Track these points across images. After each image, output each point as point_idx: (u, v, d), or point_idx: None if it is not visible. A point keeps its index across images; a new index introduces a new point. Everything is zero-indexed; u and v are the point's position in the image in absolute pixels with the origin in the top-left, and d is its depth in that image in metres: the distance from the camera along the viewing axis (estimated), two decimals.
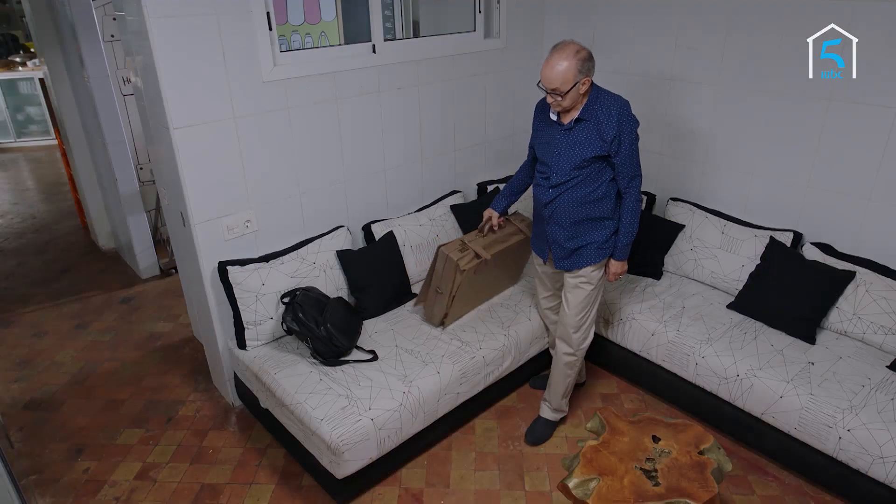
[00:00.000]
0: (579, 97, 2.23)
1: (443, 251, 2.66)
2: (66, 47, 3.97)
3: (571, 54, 2.14)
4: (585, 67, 2.17)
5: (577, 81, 2.16)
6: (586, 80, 2.19)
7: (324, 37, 4.20)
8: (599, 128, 2.24)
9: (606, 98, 2.26)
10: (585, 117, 2.26)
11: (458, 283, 2.62)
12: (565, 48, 2.16)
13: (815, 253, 2.78)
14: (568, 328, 2.53)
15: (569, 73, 2.14)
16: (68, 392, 3.12)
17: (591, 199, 2.33)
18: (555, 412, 2.72)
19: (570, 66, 2.14)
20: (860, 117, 2.59)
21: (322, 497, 2.46)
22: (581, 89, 2.20)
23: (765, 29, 2.78)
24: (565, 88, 2.17)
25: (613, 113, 2.23)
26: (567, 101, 2.22)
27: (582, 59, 2.15)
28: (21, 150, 7.68)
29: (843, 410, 2.25)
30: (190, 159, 2.43)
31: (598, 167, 2.30)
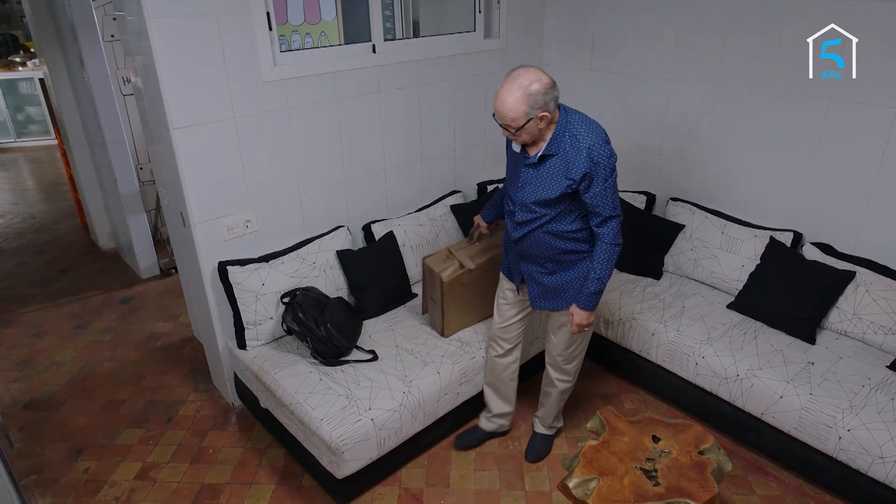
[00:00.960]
0: (540, 132, 2.00)
1: (426, 263, 2.63)
2: (66, 47, 3.97)
3: (521, 87, 1.90)
4: (540, 102, 1.91)
5: (530, 117, 1.92)
6: (544, 115, 1.94)
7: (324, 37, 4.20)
8: (567, 163, 1.99)
9: (578, 127, 2.00)
10: (552, 152, 2.01)
11: (445, 294, 2.58)
12: (516, 79, 1.92)
13: (815, 253, 2.78)
14: (560, 362, 2.42)
15: (518, 109, 1.91)
16: (68, 392, 3.12)
17: (569, 232, 2.11)
18: (550, 428, 2.68)
19: (518, 100, 1.90)
20: (860, 117, 2.59)
21: (322, 497, 2.46)
22: (539, 124, 1.96)
23: (765, 29, 2.78)
24: (517, 125, 1.94)
25: (583, 147, 1.97)
26: (524, 137, 2.00)
27: (534, 92, 1.89)
28: (21, 150, 7.68)
29: (843, 410, 2.25)
30: (190, 159, 2.43)
31: (570, 203, 2.07)
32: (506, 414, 2.67)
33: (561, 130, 2.01)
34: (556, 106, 2.00)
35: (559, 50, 3.69)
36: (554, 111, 1.99)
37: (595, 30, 3.47)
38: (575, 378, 2.51)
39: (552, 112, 1.98)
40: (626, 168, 3.57)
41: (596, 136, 1.99)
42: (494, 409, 2.64)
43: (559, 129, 2.01)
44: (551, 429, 2.67)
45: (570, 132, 2.00)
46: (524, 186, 2.11)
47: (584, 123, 2.02)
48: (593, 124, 2.03)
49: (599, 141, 1.99)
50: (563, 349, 2.38)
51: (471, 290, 2.68)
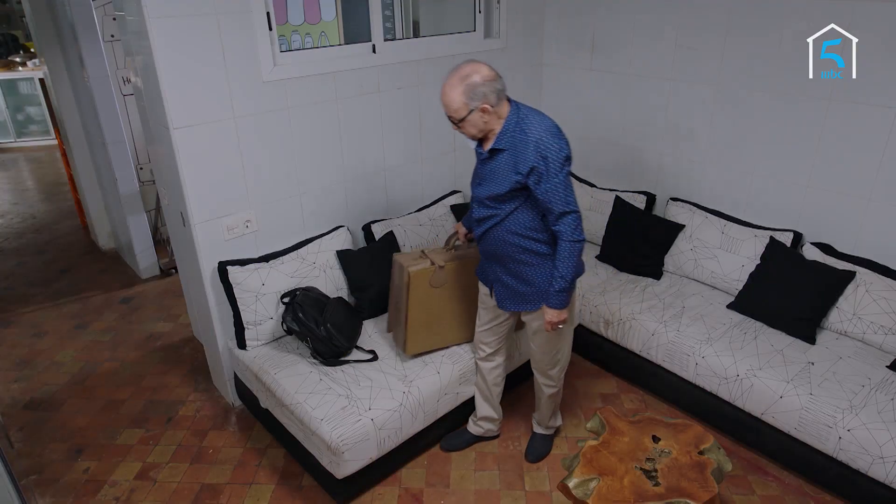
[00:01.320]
0: (486, 125, 2.00)
1: (396, 259, 2.52)
2: (66, 47, 3.97)
3: (459, 80, 1.92)
4: (480, 93, 1.91)
5: (472, 108, 1.93)
6: (485, 107, 1.94)
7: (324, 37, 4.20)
8: (516, 158, 1.98)
9: (528, 121, 1.98)
10: (502, 146, 2.01)
11: (410, 293, 2.42)
12: (456, 72, 1.94)
13: (815, 253, 2.78)
14: (543, 367, 2.40)
15: (459, 100, 1.93)
16: (68, 392, 3.12)
17: (528, 230, 2.08)
18: (548, 428, 2.67)
19: (459, 92, 1.92)
20: (860, 117, 2.59)
21: (322, 497, 2.46)
22: (483, 117, 1.97)
23: (765, 29, 2.78)
24: (459, 116, 1.97)
25: (531, 140, 1.94)
26: (470, 129, 2.01)
27: (472, 84, 1.90)
28: (21, 150, 7.68)
29: (843, 410, 2.25)
30: (190, 159, 2.43)
31: (526, 199, 2.04)
32: (492, 419, 2.65)
33: (511, 125, 2.00)
34: (498, 99, 1.97)
35: (559, 50, 3.69)
36: (497, 104, 1.97)
37: (595, 30, 3.47)
38: (559, 382, 2.48)
39: (494, 105, 1.96)
40: (626, 168, 3.57)
41: (545, 129, 1.96)
42: (480, 412, 2.64)
43: (509, 124, 2.00)
44: (549, 429, 2.67)
45: (521, 127, 1.98)
46: (480, 183, 2.13)
47: (535, 118, 2.00)
48: (543, 118, 2.01)
49: (548, 134, 1.95)
50: (541, 354, 2.37)
51: (439, 300, 2.51)
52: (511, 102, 2.04)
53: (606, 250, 3.38)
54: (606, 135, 3.61)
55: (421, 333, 2.52)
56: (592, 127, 3.67)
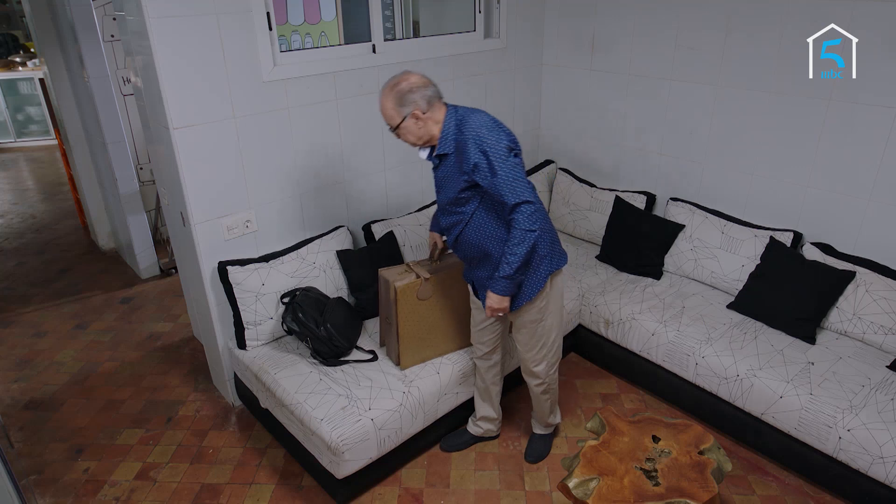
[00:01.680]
0: (421, 131, 2.05)
1: (381, 274, 2.48)
2: (66, 47, 3.97)
3: (389, 89, 2.00)
4: (409, 99, 1.98)
5: (404, 115, 2.00)
6: (416, 113, 2.00)
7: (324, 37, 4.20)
8: (460, 159, 2.02)
9: (467, 122, 2.02)
10: (445, 150, 2.06)
11: (399, 308, 2.41)
12: (388, 83, 2.02)
13: (815, 253, 2.78)
14: (527, 364, 2.39)
15: (389, 109, 2.01)
16: (68, 392, 3.12)
17: (495, 230, 2.09)
18: (546, 427, 2.65)
19: (390, 100, 2.00)
20: (860, 117, 2.59)
21: (322, 497, 2.46)
22: (417, 124, 2.03)
23: (765, 29, 2.78)
24: (393, 124, 2.04)
25: (469, 138, 1.98)
26: (408, 137, 2.07)
27: (401, 91, 1.98)
28: (21, 150, 7.68)
29: (843, 410, 2.25)
30: (190, 159, 2.43)
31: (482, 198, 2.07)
32: (491, 419, 2.65)
33: (450, 129, 2.04)
34: (429, 104, 2.02)
35: (559, 50, 3.69)
36: (429, 109, 2.02)
37: (595, 30, 3.47)
38: (547, 380, 2.43)
39: (425, 110, 2.01)
40: (626, 168, 3.58)
41: (481, 125, 1.99)
42: (479, 412, 2.64)
43: (448, 128, 2.05)
44: (548, 427, 2.65)
45: (460, 129, 2.03)
46: (439, 190, 2.18)
47: (472, 116, 2.03)
48: (480, 115, 2.03)
49: (485, 129, 1.98)
50: (523, 350, 2.36)
51: (428, 312, 2.49)
52: (448, 106, 2.08)
53: (606, 250, 3.38)
54: (606, 135, 3.61)
55: (413, 346, 2.51)
56: (592, 127, 3.67)
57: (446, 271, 2.48)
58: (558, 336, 2.38)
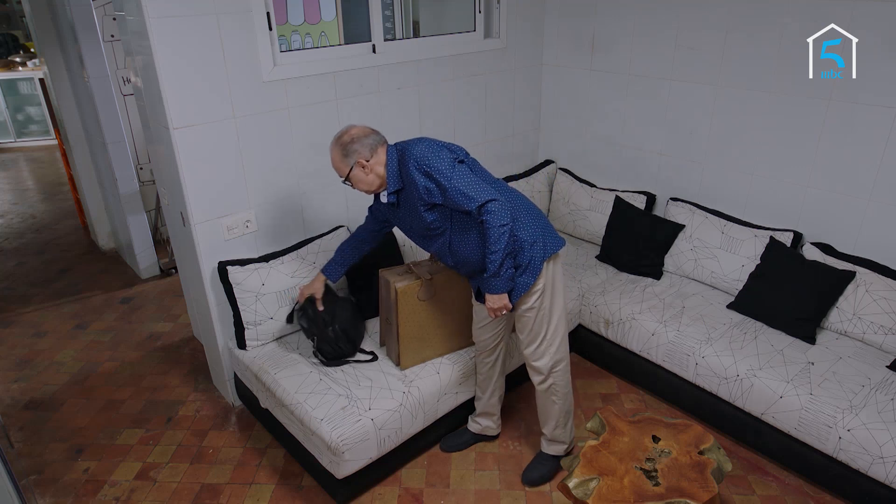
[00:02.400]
0: (370, 178, 2.13)
1: (382, 274, 2.48)
2: (66, 47, 3.97)
3: (336, 143, 2.11)
4: (352, 150, 2.08)
5: (350, 165, 2.09)
6: (360, 161, 2.09)
7: (324, 37, 4.20)
8: (412, 188, 2.09)
9: (406, 154, 2.10)
10: (397, 186, 2.14)
11: (399, 309, 2.41)
12: (334, 137, 2.13)
13: (815, 253, 2.78)
14: (529, 359, 2.35)
15: (337, 161, 2.12)
16: (68, 392, 3.12)
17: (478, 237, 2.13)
18: (550, 443, 2.51)
19: (334, 153, 2.12)
20: (860, 117, 2.59)
21: (322, 497, 2.46)
22: (364, 171, 2.11)
23: (765, 29, 2.78)
24: (343, 175, 2.13)
25: (411, 166, 2.06)
26: (361, 186, 2.15)
27: (345, 143, 2.08)
28: (21, 150, 7.68)
29: (843, 410, 2.25)
30: (190, 159, 2.43)
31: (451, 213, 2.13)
32: (490, 416, 2.64)
33: (393, 166, 2.12)
34: (371, 152, 2.10)
35: (559, 50, 3.69)
36: (372, 156, 2.10)
37: (595, 30, 3.47)
38: (552, 378, 2.35)
39: (369, 158, 2.10)
40: (626, 168, 3.58)
41: (419, 152, 2.06)
42: (479, 407, 2.64)
43: (391, 166, 2.12)
44: (555, 444, 2.50)
45: (402, 162, 2.10)
46: (409, 226, 2.26)
47: (410, 146, 2.10)
48: (418, 142, 2.11)
49: (423, 153, 2.05)
50: (525, 345, 2.33)
51: (429, 312, 2.49)
52: (389, 146, 2.15)
53: (606, 250, 3.38)
54: (606, 135, 3.61)
55: (413, 347, 2.51)
56: (592, 127, 3.67)
57: (447, 272, 2.48)
58: (560, 325, 2.30)
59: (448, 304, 2.53)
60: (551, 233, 2.24)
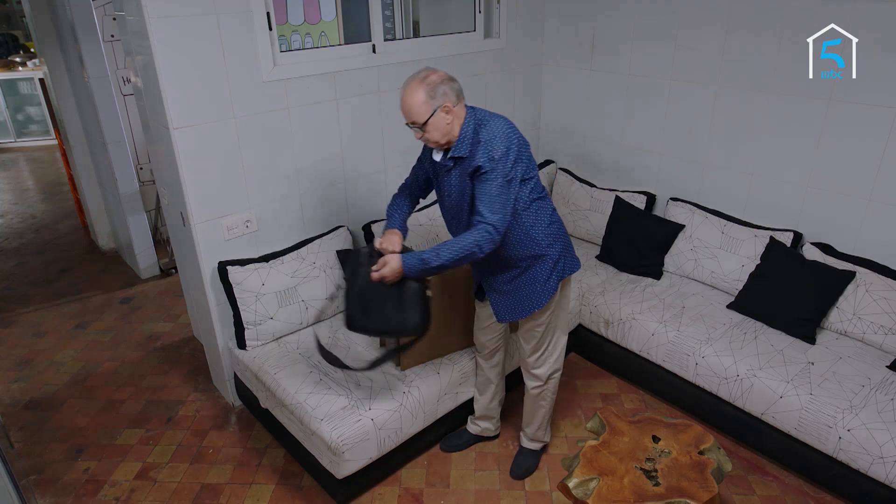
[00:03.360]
0: (448, 127, 1.96)
1: None
2: (66, 47, 3.97)
3: (419, 81, 1.91)
4: (440, 91, 1.90)
5: (434, 108, 1.91)
6: (447, 106, 1.92)
7: (324, 37, 4.20)
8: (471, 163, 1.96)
9: (484, 123, 1.97)
10: (462, 154, 1.97)
11: None
12: (414, 77, 1.93)
13: (815, 253, 2.78)
14: (529, 366, 2.37)
15: (419, 103, 1.91)
16: (68, 392, 3.12)
17: (516, 237, 2.05)
18: (533, 442, 2.57)
19: (420, 94, 1.90)
20: (860, 117, 2.59)
21: (322, 497, 2.46)
22: (446, 118, 1.94)
23: (765, 29, 2.78)
24: (421, 119, 1.93)
25: (483, 139, 1.93)
26: (434, 134, 1.96)
27: (431, 82, 1.90)
28: (21, 150, 7.68)
29: (843, 410, 2.25)
30: (190, 159, 2.43)
31: None
32: (490, 418, 2.64)
33: (469, 131, 1.97)
34: (458, 99, 1.95)
35: (559, 50, 3.69)
36: (457, 105, 1.95)
37: (595, 30, 3.47)
38: (548, 385, 2.40)
39: (455, 104, 1.94)
40: (626, 168, 3.57)
41: (497, 132, 1.94)
42: (478, 410, 2.63)
43: (466, 130, 1.97)
44: (535, 442, 2.57)
45: (477, 131, 1.97)
46: (451, 194, 2.09)
47: (491, 119, 1.98)
48: (498, 119, 1.98)
49: (499, 138, 1.93)
50: (528, 354, 2.34)
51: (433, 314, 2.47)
52: (468, 107, 2.01)
53: (606, 250, 3.38)
54: (606, 135, 3.61)
55: (416, 352, 2.50)
56: (592, 127, 3.67)
57: (447, 273, 2.48)
58: (561, 338, 2.35)
59: (448, 305, 2.53)
60: (571, 253, 2.24)
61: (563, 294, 2.26)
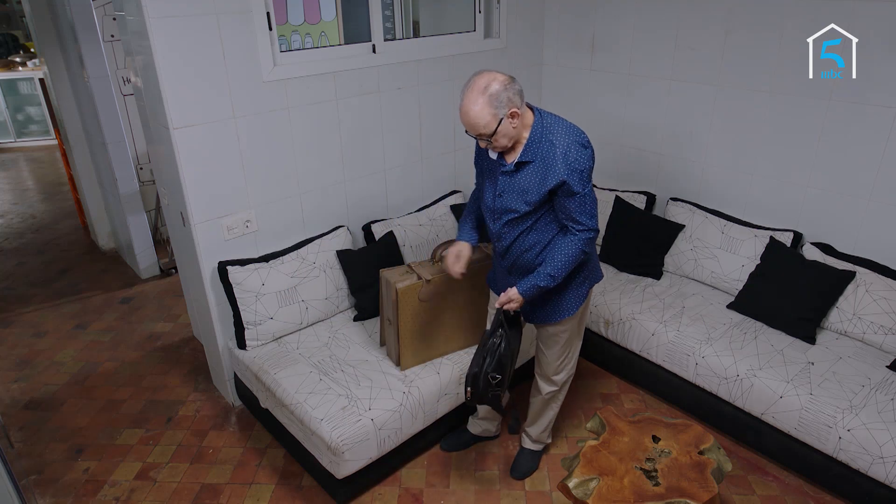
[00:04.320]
0: (516, 131, 1.91)
1: (383, 275, 2.47)
2: (66, 47, 3.97)
3: (481, 92, 1.83)
4: (504, 99, 1.83)
5: (501, 118, 1.84)
6: (514, 112, 1.85)
7: (324, 37, 4.20)
8: (545, 170, 1.91)
9: (554, 131, 1.92)
10: (529, 158, 1.93)
11: (399, 309, 2.40)
12: (474, 86, 1.85)
13: (815, 253, 2.78)
14: (548, 372, 2.36)
15: (484, 115, 1.83)
16: (68, 392, 3.12)
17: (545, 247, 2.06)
18: (535, 443, 2.57)
19: (482, 105, 1.83)
20: (860, 117, 2.59)
21: (322, 497, 2.46)
22: (513, 123, 1.88)
23: (765, 29, 2.78)
24: (490, 130, 1.86)
25: (559, 152, 1.88)
26: (502, 141, 1.90)
27: (495, 92, 1.82)
28: (21, 150, 7.68)
29: (843, 410, 2.25)
30: (190, 159, 2.43)
31: (548, 210, 2.01)
32: (492, 419, 2.64)
33: (537, 135, 1.93)
34: (522, 100, 1.89)
35: (559, 50, 3.69)
36: (522, 106, 1.90)
37: (595, 30, 3.47)
38: (562, 389, 2.43)
39: (520, 107, 1.88)
40: (626, 168, 3.57)
41: (573, 140, 1.90)
42: (481, 410, 2.62)
43: (535, 134, 1.93)
44: (537, 443, 2.57)
45: (547, 137, 1.92)
46: (502, 195, 2.04)
47: (562, 127, 1.93)
48: (571, 128, 1.94)
49: (576, 145, 1.90)
50: (552, 360, 2.33)
51: (429, 313, 2.49)
52: (534, 109, 1.97)
53: (606, 250, 3.38)
54: (606, 135, 3.61)
55: (413, 348, 2.51)
56: (592, 127, 3.63)
57: (446, 274, 2.48)
58: (579, 344, 2.37)
59: (449, 305, 2.53)
60: (597, 263, 2.26)
61: (587, 303, 2.28)
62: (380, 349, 2.66)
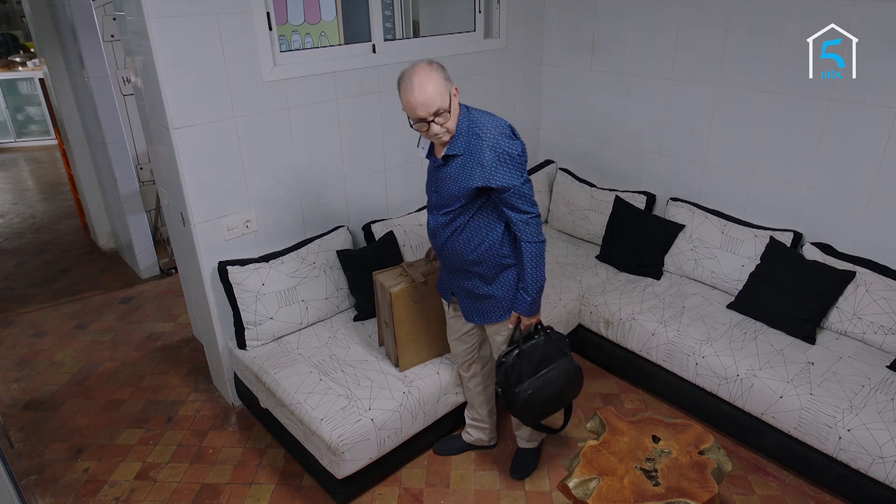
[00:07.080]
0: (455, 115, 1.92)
1: (377, 278, 2.47)
2: (66, 47, 3.97)
3: (428, 69, 1.85)
4: (447, 74, 1.88)
5: (449, 90, 1.87)
6: (455, 88, 1.90)
7: (324, 37, 4.20)
8: (471, 163, 1.91)
9: (481, 124, 1.92)
10: (456, 152, 1.93)
11: (394, 312, 2.40)
12: (417, 69, 1.85)
13: (815, 253, 2.78)
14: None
15: (438, 87, 1.84)
16: (68, 392, 3.12)
17: (489, 240, 2.02)
18: (528, 441, 2.55)
19: (437, 77, 1.84)
20: (860, 117, 2.59)
21: (322, 497, 2.46)
22: (456, 100, 1.91)
23: (765, 29, 2.78)
24: (447, 104, 1.87)
25: (486, 145, 1.89)
26: (450, 124, 1.90)
27: (439, 67, 1.87)
28: (21, 150, 7.68)
29: (843, 410, 2.25)
30: (190, 159, 2.43)
31: (482, 205, 1.99)
32: (481, 427, 2.59)
33: (464, 128, 1.93)
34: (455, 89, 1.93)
35: (559, 50, 3.69)
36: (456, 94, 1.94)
37: (595, 30, 3.47)
38: None
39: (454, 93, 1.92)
40: (626, 168, 3.57)
41: (499, 131, 1.91)
42: (469, 419, 2.61)
43: (461, 127, 1.93)
44: (532, 441, 2.55)
45: (474, 130, 1.92)
46: (437, 190, 2.05)
47: (489, 120, 1.94)
48: (498, 121, 1.95)
49: (503, 137, 1.90)
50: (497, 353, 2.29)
51: (425, 313, 2.49)
52: (461, 106, 1.97)
53: (606, 250, 3.38)
54: (606, 135, 3.61)
55: (411, 349, 2.51)
56: (592, 127, 3.67)
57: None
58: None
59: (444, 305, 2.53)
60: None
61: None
62: (380, 349, 2.66)
